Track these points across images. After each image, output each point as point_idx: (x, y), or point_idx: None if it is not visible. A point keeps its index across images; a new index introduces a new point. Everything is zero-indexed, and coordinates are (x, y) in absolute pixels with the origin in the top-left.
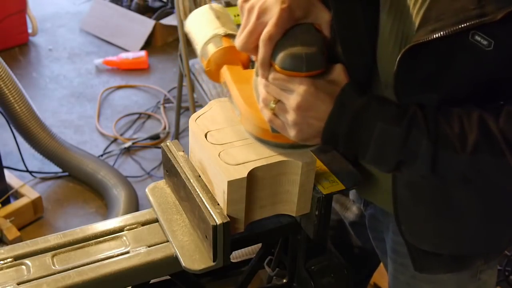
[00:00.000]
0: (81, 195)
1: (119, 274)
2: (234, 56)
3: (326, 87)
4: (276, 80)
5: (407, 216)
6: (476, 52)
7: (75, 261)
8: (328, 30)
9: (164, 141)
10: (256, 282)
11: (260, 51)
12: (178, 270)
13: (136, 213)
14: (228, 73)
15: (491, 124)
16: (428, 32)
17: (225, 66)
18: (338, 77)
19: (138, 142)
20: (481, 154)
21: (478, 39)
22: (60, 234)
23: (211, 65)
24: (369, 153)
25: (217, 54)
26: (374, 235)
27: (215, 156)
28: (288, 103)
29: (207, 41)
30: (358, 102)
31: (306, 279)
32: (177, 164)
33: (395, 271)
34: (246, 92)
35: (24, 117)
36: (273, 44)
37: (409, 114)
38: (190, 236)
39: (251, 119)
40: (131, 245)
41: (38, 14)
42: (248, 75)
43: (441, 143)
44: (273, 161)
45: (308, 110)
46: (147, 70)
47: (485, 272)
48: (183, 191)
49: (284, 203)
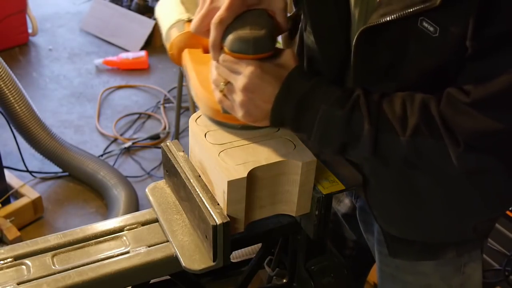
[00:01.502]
0: (81, 195)
1: (119, 274)
2: (196, 41)
3: (273, 70)
4: (225, 62)
5: (376, 203)
6: (425, 38)
7: (75, 261)
8: (282, 17)
9: (164, 141)
10: (256, 282)
11: (211, 34)
12: (178, 270)
13: (136, 213)
14: (187, 56)
15: (432, 107)
16: (379, 16)
17: (186, 50)
18: (286, 61)
19: (138, 142)
20: (420, 137)
21: (426, 26)
22: (60, 234)
23: (173, 48)
24: (313, 135)
25: (179, 38)
26: (365, 228)
27: (215, 156)
28: (236, 84)
29: (171, 26)
30: (304, 85)
31: (306, 279)
32: (177, 164)
33: (381, 263)
34: (203, 74)
35: (24, 117)
36: (223, 28)
37: (352, 98)
38: (190, 236)
39: (204, 100)
40: (131, 245)
41: (38, 14)
42: (207, 59)
43: (382, 126)
44: (273, 161)
45: (254, 92)
46: (147, 70)
47: (469, 265)
48: (183, 191)
49: (284, 203)
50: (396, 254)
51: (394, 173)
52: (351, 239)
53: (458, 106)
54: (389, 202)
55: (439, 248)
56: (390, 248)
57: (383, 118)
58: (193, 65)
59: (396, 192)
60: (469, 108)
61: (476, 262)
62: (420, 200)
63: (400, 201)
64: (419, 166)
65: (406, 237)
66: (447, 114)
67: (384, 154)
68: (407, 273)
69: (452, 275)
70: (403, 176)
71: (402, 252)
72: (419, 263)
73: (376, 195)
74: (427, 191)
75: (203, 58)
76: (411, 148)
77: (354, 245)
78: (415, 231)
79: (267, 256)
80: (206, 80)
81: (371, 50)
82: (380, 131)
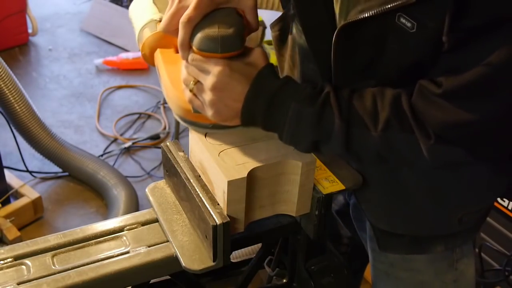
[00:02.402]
0: (81, 195)
1: (119, 274)
2: (168, 41)
3: (242, 68)
4: (194, 61)
5: (364, 197)
6: (402, 34)
7: (75, 261)
8: (252, 15)
9: (164, 141)
10: (256, 282)
11: (180, 33)
12: (178, 270)
13: (136, 213)
14: (159, 55)
15: (403, 101)
16: (357, 12)
17: (158, 50)
18: (256, 60)
19: (138, 142)
20: (391, 131)
21: (403, 21)
22: (60, 234)
23: (146, 49)
24: (285, 133)
25: (151, 38)
26: (358, 225)
27: (215, 156)
28: (205, 83)
29: (143, 26)
30: (274, 83)
31: (306, 279)
32: (177, 164)
33: (374, 261)
34: (174, 74)
35: (24, 117)
36: (191, 26)
37: (322, 94)
38: (190, 236)
39: (174, 99)
40: (131, 245)
41: (38, 14)
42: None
43: (353, 121)
44: (273, 161)
45: (223, 91)
46: (147, 70)
47: (461, 261)
48: (183, 191)
49: (284, 203)
50: (386, 248)
51: (377, 168)
52: (346, 236)
53: (429, 98)
54: (376, 197)
55: (428, 242)
56: (380, 242)
57: (354, 114)
58: (164, 65)
59: (381, 187)
60: (440, 99)
61: (469, 258)
62: (406, 193)
63: (386, 195)
64: (392, 161)
65: (395, 231)
66: (418, 106)
67: (356, 150)
68: (400, 269)
69: (445, 271)
70: (388, 171)
71: (392, 246)
72: (412, 260)
73: (363, 190)
74: (412, 184)
75: (174, 58)
76: (383, 143)
77: (348, 241)
78: (403, 224)
79: (267, 256)
80: (177, 79)
81: (350, 47)
82: (351, 126)
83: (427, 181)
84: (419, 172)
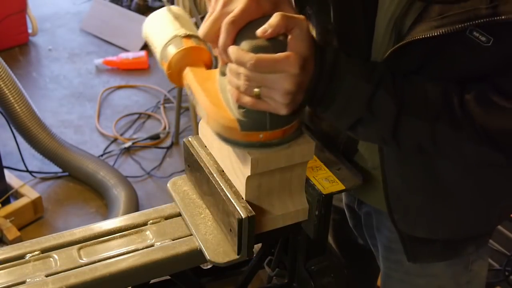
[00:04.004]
0: (81, 195)
1: (144, 266)
2: (196, 57)
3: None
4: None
5: (400, 204)
6: (472, 47)
7: (101, 254)
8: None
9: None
10: (256, 282)
11: (223, 35)
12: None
13: (158, 207)
14: (191, 74)
15: (455, 98)
16: (432, 27)
17: (188, 68)
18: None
19: (138, 142)
20: (440, 124)
21: (476, 35)
22: (85, 227)
23: (173, 67)
24: (334, 106)
25: (178, 55)
26: (370, 234)
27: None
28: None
29: (167, 42)
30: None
31: (306, 279)
32: (200, 159)
33: (388, 269)
34: (211, 92)
35: (24, 117)
36: (236, 30)
37: (377, 72)
38: (213, 229)
39: (218, 120)
40: (155, 238)
41: (38, 14)
42: (211, 75)
43: (406, 107)
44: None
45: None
46: (147, 70)
47: (476, 262)
48: (206, 185)
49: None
50: (416, 259)
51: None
52: (355, 242)
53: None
54: (415, 202)
55: (461, 244)
56: (409, 253)
57: (406, 99)
58: (198, 84)
59: (422, 190)
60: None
61: (484, 259)
62: (448, 193)
63: (429, 199)
64: (431, 153)
65: (431, 236)
66: (472, 106)
67: (401, 136)
68: (416, 276)
69: (460, 274)
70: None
71: (422, 255)
72: (430, 265)
73: (401, 198)
74: (454, 182)
75: (206, 74)
76: (429, 134)
77: (357, 247)
78: (442, 229)
79: (267, 256)
80: (215, 98)
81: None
82: (402, 111)
83: (472, 179)
84: (462, 169)
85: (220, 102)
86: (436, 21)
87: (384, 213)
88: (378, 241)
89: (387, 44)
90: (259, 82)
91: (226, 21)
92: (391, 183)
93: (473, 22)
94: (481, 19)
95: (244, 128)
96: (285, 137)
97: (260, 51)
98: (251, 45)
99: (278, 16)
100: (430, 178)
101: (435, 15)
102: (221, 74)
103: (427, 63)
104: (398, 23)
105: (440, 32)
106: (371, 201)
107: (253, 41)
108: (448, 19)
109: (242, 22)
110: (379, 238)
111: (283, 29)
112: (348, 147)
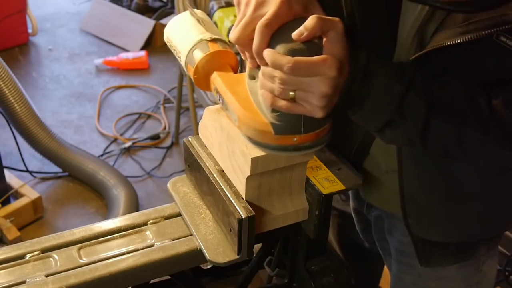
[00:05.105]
0: (81, 195)
1: (145, 266)
2: (223, 61)
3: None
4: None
5: (415, 207)
6: (499, 52)
7: (101, 254)
8: None
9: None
10: (256, 282)
11: (257, 39)
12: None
13: (158, 207)
14: (219, 79)
15: (481, 101)
16: (457, 34)
17: (215, 73)
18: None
19: (138, 142)
20: (467, 127)
21: (504, 40)
22: (85, 227)
23: (200, 72)
24: (364, 108)
25: (205, 59)
26: (380, 237)
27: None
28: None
29: (193, 47)
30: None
31: (306, 279)
32: (200, 159)
33: (400, 272)
34: (241, 96)
35: (24, 117)
36: (270, 33)
37: (409, 74)
38: (213, 229)
39: (251, 123)
40: (155, 238)
41: (38, 14)
42: (239, 79)
43: (435, 109)
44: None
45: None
46: (147, 70)
47: (487, 263)
48: (206, 185)
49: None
50: (429, 263)
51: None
52: (359, 244)
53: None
54: (431, 205)
55: (473, 247)
56: (422, 257)
57: (436, 102)
58: (227, 88)
59: (439, 193)
60: None
61: (494, 259)
62: (464, 196)
63: (443, 201)
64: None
65: (445, 239)
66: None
67: (429, 139)
68: (429, 279)
69: (471, 274)
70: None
71: (435, 259)
72: (443, 267)
73: (417, 201)
74: (473, 186)
75: (235, 79)
76: (455, 137)
77: (361, 249)
78: (457, 231)
79: (267, 256)
80: (245, 101)
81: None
82: (432, 114)
83: (489, 181)
84: (480, 173)
85: (251, 106)
86: (461, 27)
87: (397, 217)
88: (390, 244)
89: (409, 49)
90: (294, 85)
91: (260, 24)
92: (408, 185)
93: (501, 27)
94: (509, 24)
95: (278, 131)
96: (318, 140)
97: (296, 54)
98: (287, 48)
99: (314, 18)
100: (447, 180)
101: (460, 21)
102: (250, 78)
103: (452, 68)
104: (421, 29)
105: (466, 39)
106: (383, 205)
107: (289, 44)
108: (474, 25)
109: (275, 25)
110: (391, 241)
111: (319, 32)
112: (361, 150)
